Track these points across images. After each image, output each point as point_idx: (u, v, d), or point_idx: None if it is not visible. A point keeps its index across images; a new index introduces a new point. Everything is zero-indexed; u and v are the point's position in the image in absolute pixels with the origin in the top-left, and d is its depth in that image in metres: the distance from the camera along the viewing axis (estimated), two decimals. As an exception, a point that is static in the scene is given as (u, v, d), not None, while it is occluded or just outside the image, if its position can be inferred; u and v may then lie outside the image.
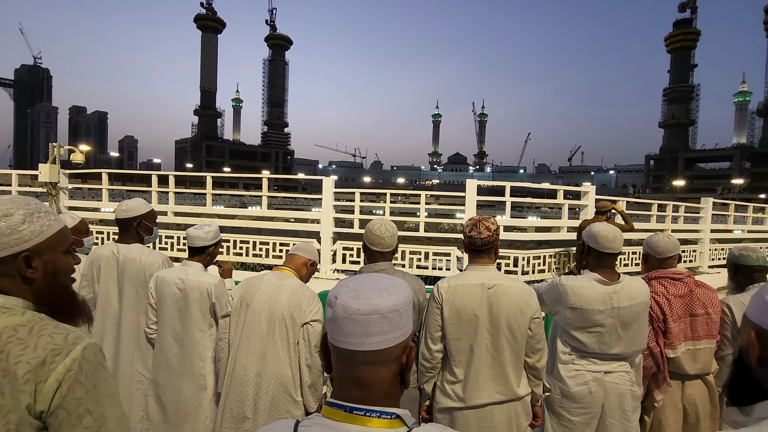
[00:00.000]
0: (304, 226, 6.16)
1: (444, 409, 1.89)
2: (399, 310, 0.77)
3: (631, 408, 2.02)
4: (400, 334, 0.78)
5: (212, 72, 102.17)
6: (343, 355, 0.77)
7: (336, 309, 0.76)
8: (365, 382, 0.75)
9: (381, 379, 0.76)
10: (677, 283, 2.27)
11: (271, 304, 1.94)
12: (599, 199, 6.22)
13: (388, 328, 0.75)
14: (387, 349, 0.76)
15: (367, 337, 0.74)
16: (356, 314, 0.74)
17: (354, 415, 0.73)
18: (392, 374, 0.77)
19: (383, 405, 0.75)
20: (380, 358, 0.76)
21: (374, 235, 2.03)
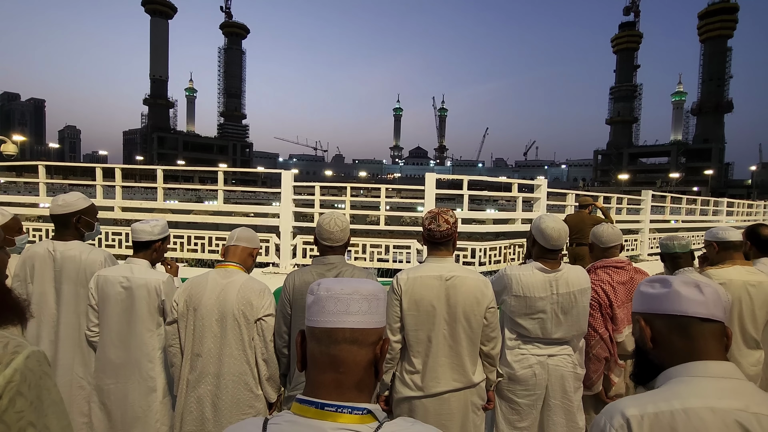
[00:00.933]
0: (263, 220, 6.00)
1: (403, 399, 1.92)
2: (378, 296, 0.82)
3: (572, 388, 2.13)
4: (377, 320, 0.81)
5: (163, 60, 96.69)
6: (323, 335, 0.77)
7: (319, 291, 0.80)
8: (343, 362, 0.76)
9: (358, 362, 0.77)
10: (620, 270, 2.42)
11: (220, 305, 1.87)
12: (580, 195, 6.86)
13: (367, 309, 0.79)
14: (365, 330, 0.78)
15: (348, 315, 0.77)
16: (339, 293, 0.78)
17: (325, 411, 0.73)
18: (368, 360, 0.78)
19: (357, 395, 0.76)
20: (359, 337, 0.77)
21: (324, 230, 2.01)
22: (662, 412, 0.75)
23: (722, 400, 0.75)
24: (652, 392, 0.82)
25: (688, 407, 0.74)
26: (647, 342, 0.90)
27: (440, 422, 1.88)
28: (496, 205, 35.12)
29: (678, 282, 0.90)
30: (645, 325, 0.91)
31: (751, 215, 12.68)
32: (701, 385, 0.78)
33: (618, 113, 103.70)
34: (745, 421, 0.71)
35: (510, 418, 2.12)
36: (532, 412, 2.10)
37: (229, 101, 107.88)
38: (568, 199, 7.26)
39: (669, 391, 0.80)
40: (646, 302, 0.94)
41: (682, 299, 0.87)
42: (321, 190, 5.95)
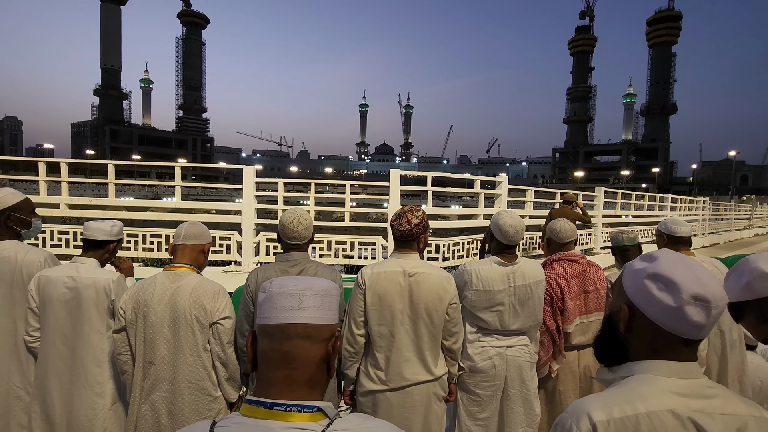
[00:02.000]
0: (225, 217, 5.81)
1: (367, 392, 1.93)
2: (331, 292, 0.82)
3: (530, 377, 2.22)
4: (331, 316, 0.80)
5: (115, 48, 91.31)
6: (276, 331, 0.76)
7: (271, 288, 0.79)
8: (295, 358, 0.75)
9: (310, 358, 0.76)
10: (574, 264, 2.53)
11: (171, 310, 1.78)
12: (563, 192, 7.39)
13: (320, 304, 0.79)
14: (318, 325, 0.78)
15: (301, 310, 0.77)
16: (292, 289, 0.78)
17: (275, 411, 0.72)
18: (320, 356, 0.78)
19: (308, 393, 0.75)
20: (312, 333, 0.77)
21: (288, 228, 1.98)
22: (627, 417, 0.75)
23: (682, 401, 0.77)
24: (616, 391, 0.82)
25: (651, 411, 0.75)
26: (622, 325, 0.87)
27: (403, 414, 1.90)
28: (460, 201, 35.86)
29: (688, 298, 0.80)
30: (627, 311, 0.86)
31: (692, 210, 13.65)
32: (664, 385, 0.79)
33: (574, 113, 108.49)
34: (702, 422, 0.74)
35: (471, 409, 2.17)
36: (492, 403, 2.16)
37: (188, 94, 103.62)
38: (527, 196, 7.51)
39: (633, 390, 0.79)
40: (644, 299, 0.85)
41: (683, 321, 0.80)
42: (285, 187, 5.83)
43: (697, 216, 13.56)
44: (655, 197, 11.86)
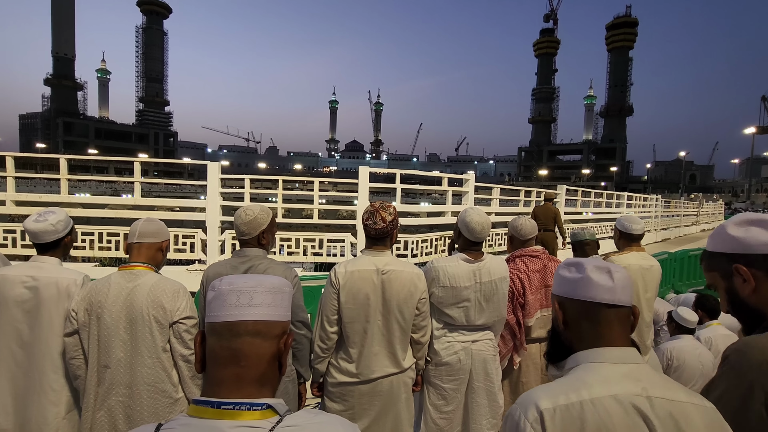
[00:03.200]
0: (189, 215, 5.64)
1: (337, 384, 1.97)
2: (283, 289, 0.81)
3: (494, 371, 2.28)
4: (282, 313, 0.80)
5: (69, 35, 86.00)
6: (224, 329, 0.75)
7: (221, 286, 0.78)
8: (245, 355, 0.74)
9: (261, 355, 0.75)
10: (535, 259, 2.63)
11: (128, 311, 1.70)
12: (547, 191, 7.93)
13: (271, 301, 0.78)
14: (269, 322, 0.77)
15: (251, 307, 0.76)
16: (242, 287, 0.77)
17: (223, 410, 0.70)
18: (271, 353, 0.77)
19: (258, 391, 0.74)
20: (262, 329, 0.76)
21: (234, 223, 1.97)
22: (572, 404, 0.78)
23: (623, 386, 0.80)
24: (562, 381, 0.85)
25: (594, 397, 0.78)
26: (560, 324, 0.93)
27: (373, 402, 1.97)
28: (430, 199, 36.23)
29: (591, 267, 0.91)
30: (559, 307, 0.94)
31: (646, 207, 14.44)
32: (606, 372, 0.82)
33: (539, 113, 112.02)
34: (641, 405, 0.78)
35: (436, 402, 2.22)
36: (457, 396, 2.21)
37: (149, 86, 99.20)
38: (493, 193, 7.70)
39: (577, 379, 0.83)
40: (562, 285, 0.96)
41: (591, 285, 0.89)
42: (253, 183, 5.71)
43: (650, 213, 14.35)
44: (613, 195, 12.45)
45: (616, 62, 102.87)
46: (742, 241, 0.96)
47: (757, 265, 0.94)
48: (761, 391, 0.83)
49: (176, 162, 6.73)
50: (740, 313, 1.02)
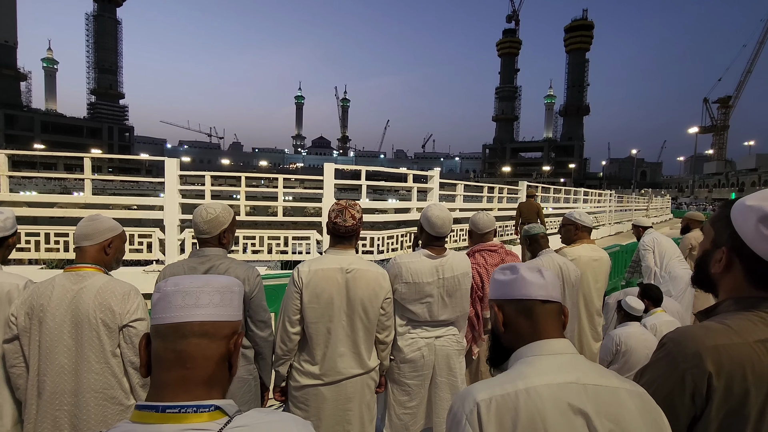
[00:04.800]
0: (146, 213, 5.40)
1: (300, 387, 1.92)
2: (232, 289, 0.79)
3: (457, 365, 2.30)
4: (232, 313, 0.78)
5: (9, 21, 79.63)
6: (170, 331, 0.72)
7: (166, 287, 0.75)
8: (191, 357, 0.72)
9: (208, 356, 0.73)
10: (493, 253, 2.71)
11: (73, 315, 1.61)
12: (529, 186, 8.65)
13: (219, 301, 0.76)
14: (217, 322, 0.75)
15: (197, 308, 0.73)
16: (188, 287, 0.74)
17: (168, 414, 0.67)
18: (219, 354, 0.75)
19: (206, 392, 0.72)
20: (209, 330, 0.73)
21: (193, 222, 1.89)
22: (508, 394, 0.80)
23: (558, 375, 0.82)
24: (502, 375, 0.88)
25: (530, 386, 0.81)
26: (500, 327, 0.96)
27: (337, 406, 1.92)
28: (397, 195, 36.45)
29: (524, 268, 0.97)
30: (498, 310, 0.97)
31: (601, 202, 15.21)
32: (542, 363, 0.86)
33: (502, 111, 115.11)
34: (575, 392, 0.81)
35: (400, 398, 2.23)
36: (420, 392, 2.23)
37: (101, 77, 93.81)
38: (457, 189, 7.86)
39: (515, 372, 0.86)
40: (498, 289, 0.99)
41: (526, 284, 0.94)
42: (216, 180, 5.55)
43: (604, 207, 15.12)
44: (570, 191, 13.01)
45: (574, 63, 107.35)
46: (749, 233, 0.91)
47: (739, 253, 0.94)
48: (691, 380, 0.87)
49: (132, 158, 6.43)
50: (697, 275, 1.07)
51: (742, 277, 0.94)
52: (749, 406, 0.84)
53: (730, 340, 0.87)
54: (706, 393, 0.86)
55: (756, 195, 0.94)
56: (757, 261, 0.90)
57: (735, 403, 0.85)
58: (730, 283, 0.97)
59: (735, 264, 0.95)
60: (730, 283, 0.97)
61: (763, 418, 0.85)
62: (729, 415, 0.86)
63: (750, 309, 0.91)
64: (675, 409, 0.89)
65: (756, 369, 0.85)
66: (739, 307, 0.93)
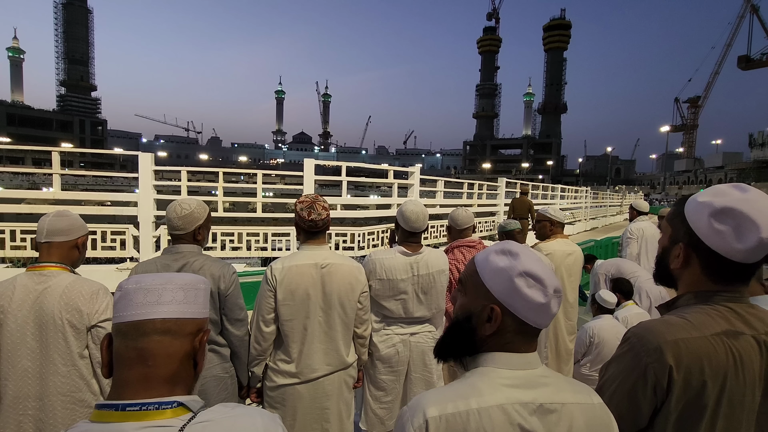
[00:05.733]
0: (119, 209, 5.24)
1: (276, 387, 1.89)
2: (197, 286, 0.78)
3: (432, 362, 2.30)
4: (197, 310, 0.76)
5: (-31, 7, 75.58)
6: (131, 329, 0.71)
7: (127, 285, 0.73)
8: (153, 355, 0.70)
9: (171, 354, 0.72)
10: (471, 249, 2.74)
11: (37, 316, 1.54)
12: (523, 184, 8.85)
13: (183, 298, 0.74)
14: (181, 320, 0.73)
15: (160, 305, 0.72)
16: (150, 285, 0.73)
17: (128, 412, 0.66)
18: (184, 352, 0.73)
19: (169, 390, 0.70)
20: (173, 328, 0.72)
21: (167, 218, 1.85)
22: (459, 413, 0.76)
23: (515, 394, 0.78)
24: (458, 386, 0.82)
25: (482, 407, 0.76)
26: (489, 328, 0.83)
27: (315, 405, 1.91)
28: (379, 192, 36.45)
29: (553, 296, 0.83)
30: (499, 311, 0.82)
31: (577, 198, 15.59)
32: (501, 379, 0.80)
33: (482, 109, 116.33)
34: (527, 412, 0.77)
35: (376, 393, 2.24)
36: (395, 387, 2.24)
37: (72, 68, 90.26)
38: (438, 186, 7.91)
39: (471, 386, 0.80)
40: (515, 301, 0.83)
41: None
42: (194, 176, 5.42)
43: (580, 204, 15.50)
44: (548, 187, 13.28)
45: (552, 62, 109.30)
46: (703, 228, 0.94)
47: (695, 248, 0.96)
48: (653, 373, 0.89)
49: (104, 152, 6.20)
50: (658, 271, 1.08)
51: (700, 272, 0.97)
52: (706, 397, 0.88)
53: (689, 334, 0.90)
54: (667, 385, 0.89)
55: (707, 191, 0.98)
56: (712, 255, 0.93)
57: (693, 394, 0.88)
58: (688, 278, 1.00)
59: (692, 259, 0.98)
60: (689, 277, 1.00)
61: (719, 408, 0.88)
62: (687, 406, 0.89)
63: (707, 302, 0.95)
64: (638, 401, 0.92)
65: (713, 362, 0.88)
66: (697, 301, 0.97)
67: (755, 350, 0.90)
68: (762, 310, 0.97)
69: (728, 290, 0.95)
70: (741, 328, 0.91)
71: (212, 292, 1.79)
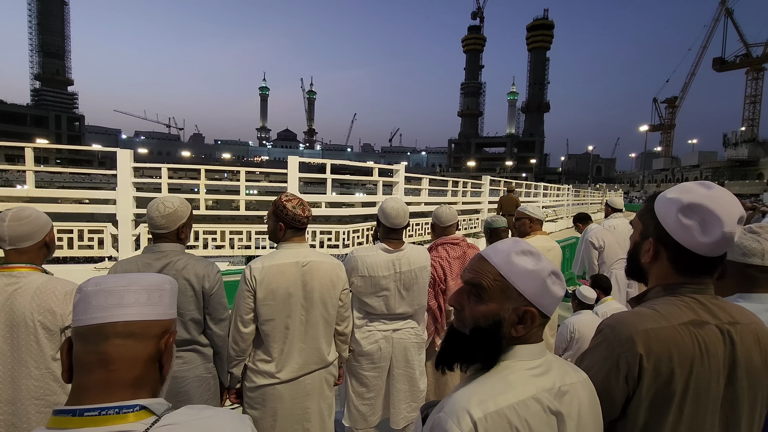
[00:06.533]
0: (97, 207, 5.11)
1: (255, 388, 1.88)
2: (162, 287, 0.76)
3: (415, 357, 2.34)
4: (162, 312, 0.74)
5: (-64, -4, 72.35)
6: (91, 333, 0.68)
7: (87, 287, 0.71)
8: (115, 359, 0.68)
9: (134, 358, 0.70)
10: (455, 246, 2.77)
11: (7, 318, 1.50)
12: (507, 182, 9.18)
13: (147, 300, 0.72)
14: (145, 321, 0.71)
15: (122, 307, 0.70)
16: (112, 286, 0.71)
17: (86, 418, 0.63)
18: (148, 355, 0.71)
19: (132, 394, 0.68)
20: (136, 330, 0.70)
21: (148, 216, 1.81)
22: (501, 409, 0.78)
23: (540, 382, 0.83)
24: (489, 382, 0.83)
25: (520, 399, 0.80)
26: (518, 331, 0.86)
27: (295, 405, 1.90)
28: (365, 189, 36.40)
29: (560, 288, 0.89)
30: (534, 310, 0.85)
31: (560, 196, 15.87)
32: (526, 371, 0.84)
33: (467, 107, 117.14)
34: (554, 400, 0.82)
35: (359, 390, 2.25)
36: (378, 383, 2.26)
37: (47, 62, 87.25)
38: (423, 183, 7.94)
39: (503, 380, 0.83)
40: (540, 296, 0.86)
41: (555, 303, 0.88)
42: (176, 173, 5.32)
43: (563, 201, 15.77)
44: (531, 185, 13.47)
45: (536, 62, 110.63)
46: (671, 223, 0.98)
47: (664, 243, 1.00)
48: (625, 363, 0.93)
49: (81, 148, 6.03)
50: (630, 266, 1.13)
51: (668, 265, 1.01)
52: (674, 384, 0.91)
53: (658, 324, 0.93)
54: (638, 374, 0.92)
55: (676, 188, 1.02)
56: (680, 249, 0.97)
57: (662, 382, 0.92)
58: (657, 271, 1.04)
59: (661, 253, 1.02)
60: (658, 271, 1.04)
61: (686, 394, 0.92)
62: (657, 394, 0.92)
63: (675, 294, 0.99)
64: (611, 390, 0.95)
65: (680, 350, 0.91)
66: (666, 293, 1.01)
67: (719, 339, 0.94)
68: (725, 301, 1.01)
69: (694, 282, 0.99)
70: (706, 318, 0.95)
71: (196, 292, 1.78)
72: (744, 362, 0.94)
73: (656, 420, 0.93)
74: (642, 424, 0.93)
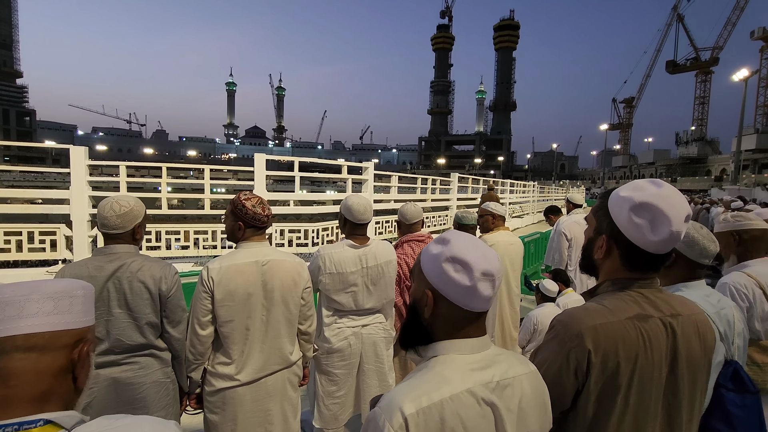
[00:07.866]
0: (50, 208, 4.84)
1: (215, 391, 1.83)
2: (71, 293, 0.71)
3: (384, 352, 2.36)
4: (73, 320, 0.70)
5: None
6: None
7: None
8: (16, 374, 0.63)
9: (39, 371, 0.65)
10: (421, 244, 2.80)
11: None
12: (486, 180, 9.75)
13: (53, 308, 0.67)
14: (51, 333, 0.67)
15: (21, 319, 0.65)
16: (8, 297, 0.65)
17: None
18: (57, 367, 0.67)
19: (36, 408, 0.64)
20: (40, 342, 0.65)
21: (99, 215, 1.74)
22: (434, 404, 0.78)
23: (478, 376, 0.83)
24: (424, 377, 0.84)
25: (453, 394, 0.80)
26: (427, 312, 0.89)
27: (257, 407, 1.86)
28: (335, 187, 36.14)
29: (480, 278, 0.87)
30: (432, 298, 0.88)
31: (526, 192, 16.34)
32: (463, 364, 0.85)
33: (437, 105, 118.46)
34: (490, 394, 0.82)
35: (329, 389, 2.24)
36: (348, 380, 2.26)
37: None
38: (392, 181, 7.99)
39: (439, 375, 0.83)
40: (442, 279, 0.88)
41: (476, 297, 0.86)
42: (135, 171, 5.10)
43: (528, 198, 16.25)
44: (498, 182, 13.80)
45: (502, 61, 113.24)
46: (623, 221, 1.01)
47: (616, 240, 1.04)
48: (574, 358, 0.96)
49: (32, 145, 5.67)
50: (583, 261, 1.16)
51: (619, 261, 1.05)
52: (621, 376, 0.95)
53: (605, 319, 0.97)
54: (587, 368, 0.96)
55: (627, 186, 1.06)
56: (631, 246, 1.02)
57: (609, 375, 0.96)
58: (608, 267, 1.09)
59: (613, 249, 1.06)
60: (609, 266, 1.08)
61: (631, 385, 0.96)
62: (605, 387, 0.97)
63: (623, 289, 1.04)
64: (562, 384, 0.98)
65: (626, 343, 0.96)
66: (615, 288, 1.05)
67: (662, 331, 0.99)
68: (668, 293, 1.06)
69: (642, 278, 1.04)
70: (650, 312, 1.00)
71: (152, 294, 1.72)
72: (684, 352, 0.99)
73: (604, 410, 0.97)
74: (591, 414, 0.98)
